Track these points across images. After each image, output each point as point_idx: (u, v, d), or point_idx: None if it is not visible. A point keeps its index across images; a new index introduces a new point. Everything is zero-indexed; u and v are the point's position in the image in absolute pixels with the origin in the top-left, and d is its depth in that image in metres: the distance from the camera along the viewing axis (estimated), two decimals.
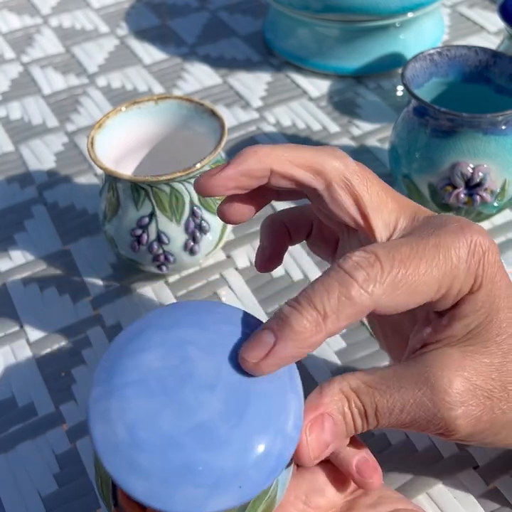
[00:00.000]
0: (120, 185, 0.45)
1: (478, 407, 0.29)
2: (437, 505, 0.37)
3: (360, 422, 0.29)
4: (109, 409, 0.26)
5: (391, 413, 0.29)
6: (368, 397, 0.29)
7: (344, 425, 0.29)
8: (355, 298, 0.27)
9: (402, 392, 0.29)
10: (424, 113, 0.46)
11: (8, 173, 0.60)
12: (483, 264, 0.29)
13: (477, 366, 0.30)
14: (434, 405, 0.29)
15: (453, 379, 0.29)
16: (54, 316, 0.48)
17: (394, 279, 0.27)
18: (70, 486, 0.39)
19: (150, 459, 0.25)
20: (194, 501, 0.25)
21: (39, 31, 0.76)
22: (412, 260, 0.28)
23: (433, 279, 0.28)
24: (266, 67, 0.69)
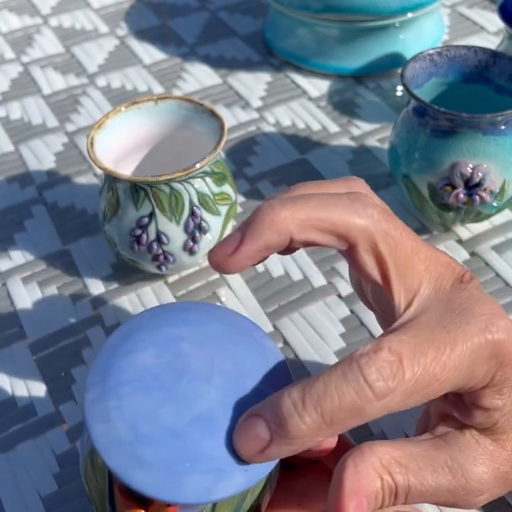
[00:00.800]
0: (120, 185, 0.45)
1: (500, 487, 0.30)
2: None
3: (388, 499, 0.28)
4: (108, 409, 0.26)
5: (421, 496, 0.28)
6: (402, 478, 0.28)
7: (374, 503, 0.27)
8: (367, 412, 0.25)
9: (436, 476, 0.28)
10: (423, 113, 0.46)
11: (8, 173, 0.60)
12: (502, 365, 0.28)
13: (504, 455, 0.30)
14: (465, 493, 0.29)
15: (486, 470, 0.29)
16: (54, 315, 0.48)
17: (413, 389, 0.26)
18: (70, 486, 0.39)
19: (154, 452, 0.25)
20: (202, 489, 0.25)
21: (39, 31, 0.76)
22: (435, 366, 0.26)
23: (449, 386, 0.27)
24: (266, 67, 0.69)
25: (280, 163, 0.58)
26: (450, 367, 0.27)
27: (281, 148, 0.60)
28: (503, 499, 0.37)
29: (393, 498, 0.28)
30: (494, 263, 0.49)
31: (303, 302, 0.47)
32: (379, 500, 0.27)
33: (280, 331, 0.46)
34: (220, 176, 0.46)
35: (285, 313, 0.47)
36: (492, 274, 0.48)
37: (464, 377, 0.27)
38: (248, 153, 0.59)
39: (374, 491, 0.27)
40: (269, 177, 0.57)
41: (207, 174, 0.45)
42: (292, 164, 0.58)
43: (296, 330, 0.46)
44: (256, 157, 0.59)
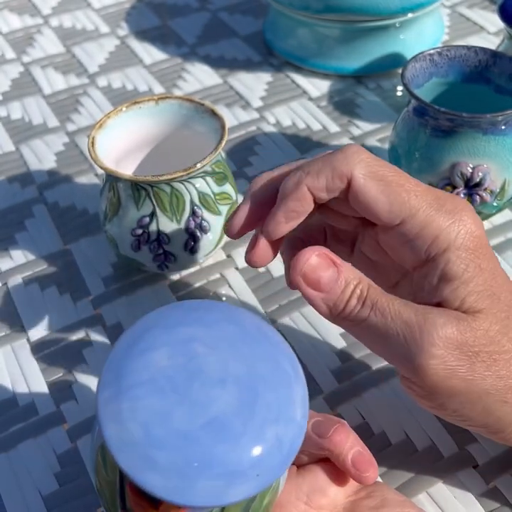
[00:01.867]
0: (121, 185, 0.45)
1: (457, 360, 0.30)
2: (437, 505, 0.37)
3: (355, 299, 0.31)
4: (121, 410, 0.26)
5: (384, 315, 0.30)
6: (373, 290, 0.31)
7: (345, 287, 0.31)
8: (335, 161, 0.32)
9: (400, 305, 0.30)
10: (424, 113, 0.46)
11: (8, 173, 0.60)
12: (466, 233, 0.31)
13: (473, 325, 0.30)
14: (420, 332, 0.29)
15: (448, 323, 0.30)
16: (55, 315, 0.48)
17: (376, 170, 0.31)
18: (71, 486, 0.39)
19: (167, 456, 0.25)
20: (214, 493, 0.25)
21: (40, 31, 0.76)
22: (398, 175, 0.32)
23: (411, 202, 0.31)
24: (266, 67, 0.69)
25: (280, 162, 0.58)
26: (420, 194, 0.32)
27: (281, 148, 0.60)
28: (504, 498, 0.37)
29: (360, 306, 0.30)
30: None
31: (303, 302, 0.47)
32: (350, 286, 0.31)
33: (281, 330, 0.46)
34: (220, 176, 0.46)
35: (285, 312, 0.47)
36: None
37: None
38: (249, 153, 0.60)
39: (352, 272, 0.31)
40: None
41: (208, 174, 0.45)
42: None
43: (296, 329, 0.46)
44: (256, 157, 0.59)
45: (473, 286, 0.31)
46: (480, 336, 0.30)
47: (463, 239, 0.31)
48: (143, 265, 0.47)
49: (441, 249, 0.31)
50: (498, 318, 0.31)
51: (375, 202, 0.31)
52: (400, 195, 0.31)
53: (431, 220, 0.31)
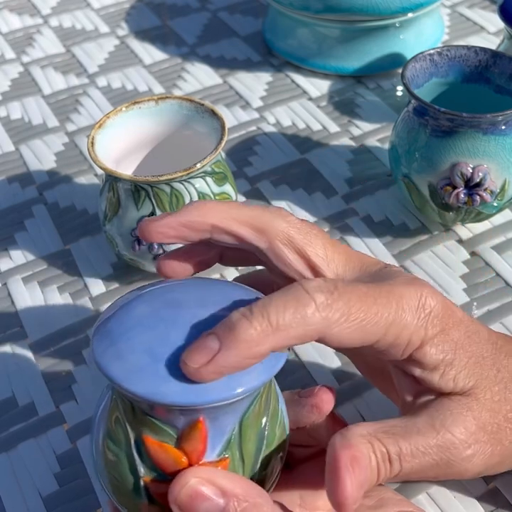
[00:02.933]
0: (120, 185, 0.45)
1: (489, 442, 0.30)
2: (437, 505, 0.37)
3: (383, 467, 0.28)
4: (119, 350, 0.27)
5: (414, 456, 0.29)
6: (391, 441, 0.29)
7: (370, 470, 0.28)
8: (309, 318, 0.27)
9: (422, 434, 0.29)
10: (424, 113, 0.46)
11: (8, 173, 0.60)
12: (432, 317, 0.30)
13: (482, 404, 0.31)
14: (453, 446, 0.29)
15: (466, 421, 0.30)
16: (54, 315, 0.48)
17: (349, 310, 0.27)
18: (71, 486, 0.39)
19: (175, 368, 0.26)
20: (225, 385, 0.26)
21: (39, 31, 0.76)
22: (367, 298, 0.28)
23: (383, 322, 0.28)
24: (266, 67, 0.69)
25: (280, 162, 0.58)
26: (381, 303, 0.29)
27: (281, 148, 0.60)
28: (504, 498, 0.37)
29: (388, 465, 0.28)
30: (494, 263, 0.49)
31: None
32: (374, 466, 0.28)
33: None
34: (220, 176, 0.46)
35: None
36: (492, 274, 0.48)
37: (395, 320, 0.29)
38: (248, 153, 0.60)
39: (367, 457, 0.28)
40: (270, 177, 0.57)
41: (207, 174, 0.45)
42: (292, 164, 0.58)
43: None
44: (256, 157, 0.59)
45: (458, 363, 0.31)
46: (492, 409, 0.31)
47: (432, 327, 0.30)
48: (143, 265, 0.47)
49: (416, 347, 0.30)
50: (492, 384, 0.31)
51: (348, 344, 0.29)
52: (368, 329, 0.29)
53: (398, 333, 0.29)
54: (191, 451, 0.27)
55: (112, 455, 0.29)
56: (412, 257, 0.50)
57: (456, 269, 0.49)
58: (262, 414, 0.29)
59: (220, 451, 0.28)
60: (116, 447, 0.29)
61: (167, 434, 0.27)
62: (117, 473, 0.29)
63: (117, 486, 0.29)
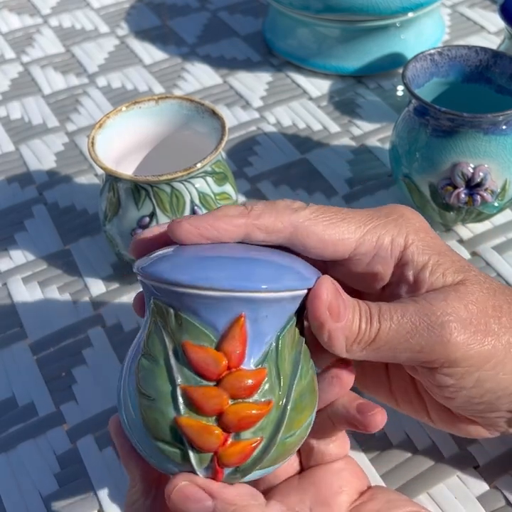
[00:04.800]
0: (121, 185, 0.45)
1: (473, 322, 0.30)
2: (438, 505, 0.37)
3: (364, 320, 0.29)
4: (167, 255, 0.29)
5: (392, 316, 0.29)
6: (374, 303, 0.30)
7: (352, 314, 0.29)
8: (281, 209, 0.31)
9: (403, 303, 0.30)
10: (424, 113, 0.46)
11: (8, 173, 0.60)
12: (411, 224, 0.32)
13: (469, 289, 0.31)
14: (432, 313, 0.30)
15: (448, 295, 0.30)
16: (54, 315, 0.48)
17: (323, 210, 0.31)
18: (71, 486, 0.39)
19: (223, 261, 0.28)
20: (271, 278, 0.28)
21: (39, 31, 0.76)
22: (347, 211, 0.32)
23: (357, 222, 0.32)
24: (266, 67, 0.69)
25: (281, 163, 0.58)
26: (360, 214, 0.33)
27: (281, 148, 0.60)
28: (505, 498, 0.37)
29: (369, 320, 0.29)
30: (495, 263, 0.49)
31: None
32: (356, 312, 0.29)
33: None
34: (220, 176, 0.46)
35: None
36: (493, 274, 0.48)
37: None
38: (249, 153, 0.59)
39: (351, 299, 0.30)
40: (270, 177, 0.57)
41: (208, 174, 0.45)
42: (293, 164, 0.58)
43: None
44: (256, 157, 0.59)
45: (444, 262, 0.32)
46: (480, 296, 0.31)
47: (413, 232, 0.32)
48: None
49: (402, 249, 0.32)
50: (481, 281, 0.32)
51: (321, 246, 0.31)
52: (339, 228, 0.31)
53: (378, 234, 0.32)
54: (231, 352, 0.27)
55: (146, 371, 0.28)
56: None
57: None
58: (297, 343, 0.29)
59: (258, 361, 0.28)
60: (151, 363, 0.28)
61: (207, 338, 0.27)
62: (152, 389, 0.28)
63: (150, 405, 0.28)
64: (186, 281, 0.27)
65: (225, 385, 0.27)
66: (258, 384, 0.28)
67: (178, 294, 0.27)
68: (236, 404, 0.27)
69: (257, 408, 0.28)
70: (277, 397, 0.28)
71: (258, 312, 0.27)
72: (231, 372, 0.27)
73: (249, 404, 0.27)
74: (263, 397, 0.28)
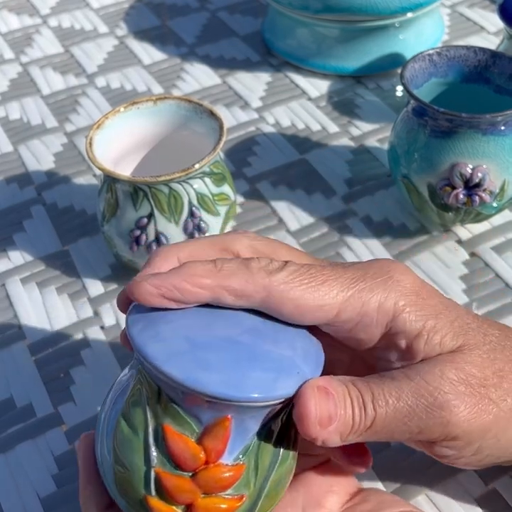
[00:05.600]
0: (119, 185, 0.45)
1: (473, 395, 0.29)
2: (436, 507, 0.37)
3: (357, 411, 0.28)
4: (159, 332, 0.27)
5: (387, 401, 0.28)
6: (364, 386, 0.28)
7: (344, 408, 0.28)
8: (255, 271, 0.28)
9: (396, 382, 0.28)
10: (423, 113, 0.46)
11: (7, 173, 0.60)
12: (401, 286, 0.30)
13: (467, 357, 0.29)
14: (429, 393, 0.28)
15: (444, 369, 0.29)
16: (53, 316, 0.48)
17: (299, 271, 0.28)
18: (69, 487, 0.39)
19: (217, 356, 0.26)
20: (265, 385, 0.26)
21: (38, 31, 0.76)
22: (323, 270, 0.29)
23: (336, 294, 0.29)
24: (265, 67, 0.69)
25: (280, 163, 0.58)
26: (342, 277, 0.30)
27: (280, 148, 0.60)
28: (503, 500, 0.37)
29: (363, 409, 0.28)
30: (494, 264, 0.49)
31: None
32: (348, 406, 0.27)
33: None
34: (219, 177, 0.46)
35: None
36: (492, 275, 0.48)
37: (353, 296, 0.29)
38: (247, 153, 0.59)
39: (341, 389, 0.28)
40: (269, 177, 0.57)
41: (206, 175, 0.45)
42: (292, 164, 0.58)
43: None
44: (255, 157, 0.59)
45: (441, 327, 0.30)
46: (479, 364, 0.29)
47: (404, 297, 0.29)
48: (141, 266, 0.47)
49: (391, 318, 0.29)
50: (480, 344, 0.30)
51: (298, 313, 0.29)
52: (318, 293, 0.28)
53: (364, 299, 0.29)
54: (211, 449, 0.27)
55: (124, 439, 0.28)
56: (412, 257, 0.50)
57: (456, 269, 0.49)
58: (282, 429, 0.29)
59: (237, 456, 0.27)
60: (131, 431, 0.28)
61: (189, 427, 0.27)
62: (127, 459, 0.28)
63: (123, 474, 0.28)
64: (182, 381, 0.26)
65: (200, 481, 0.27)
66: (234, 481, 0.27)
67: (167, 383, 0.26)
68: (207, 498, 0.27)
69: (229, 503, 0.27)
70: (251, 490, 0.28)
71: (245, 414, 0.27)
72: (208, 468, 0.27)
73: (220, 499, 0.27)
74: (237, 491, 0.27)
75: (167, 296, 0.27)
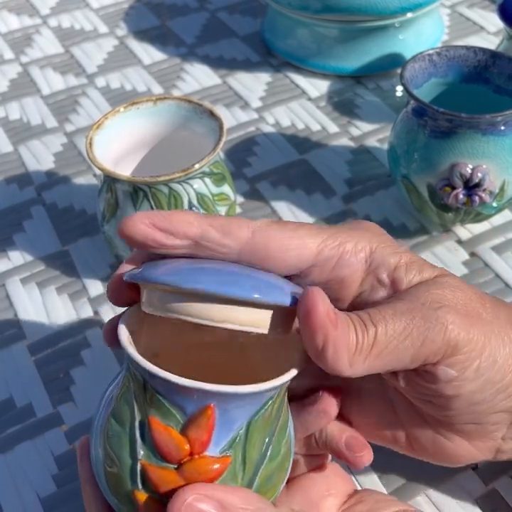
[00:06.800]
0: (119, 185, 0.45)
1: (464, 306, 0.29)
2: (436, 507, 0.37)
3: (359, 327, 0.28)
4: (157, 264, 0.28)
5: (384, 317, 0.28)
6: (361, 312, 0.29)
7: (347, 326, 0.28)
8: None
9: (389, 304, 0.29)
10: (422, 113, 0.46)
11: (7, 173, 0.60)
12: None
13: (448, 281, 0.31)
14: (423, 303, 0.29)
15: (430, 288, 0.30)
16: (52, 316, 0.48)
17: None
18: (69, 487, 0.39)
19: (209, 271, 0.28)
20: (259, 288, 0.27)
21: (38, 31, 0.76)
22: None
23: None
24: (265, 67, 0.69)
25: (279, 163, 0.58)
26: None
27: (280, 148, 0.60)
28: (503, 500, 0.37)
29: (364, 326, 0.28)
30: (494, 264, 0.49)
31: None
32: (350, 323, 0.28)
33: None
34: (219, 177, 0.46)
35: None
36: (492, 275, 0.48)
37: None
38: (247, 153, 0.59)
39: (344, 315, 0.28)
40: (269, 177, 0.57)
41: (206, 175, 0.45)
42: (291, 164, 0.58)
43: None
44: (255, 157, 0.59)
45: (417, 260, 0.31)
46: (460, 286, 0.30)
47: (377, 238, 0.31)
48: None
49: (368, 253, 0.31)
50: (456, 276, 0.32)
51: (284, 250, 0.30)
52: (300, 232, 0.30)
53: (340, 239, 0.31)
54: (195, 440, 0.27)
55: (112, 434, 0.28)
56: None
57: (456, 269, 0.49)
58: (271, 423, 0.28)
59: (224, 448, 0.27)
60: (119, 426, 0.28)
61: (174, 418, 0.27)
62: (115, 454, 0.28)
63: (112, 470, 0.28)
64: (169, 281, 0.26)
65: (184, 472, 0.27)
66: (219, 473, 0.27)
67: (151, 374, 0.26)
68: None
69: None
70: (239, 485, 0.28)
71: (229, 403, 0.27)
72: (193, 459, 0.27)
73: None
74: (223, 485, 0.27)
75: (157, 225, 0.28)
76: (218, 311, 0.26)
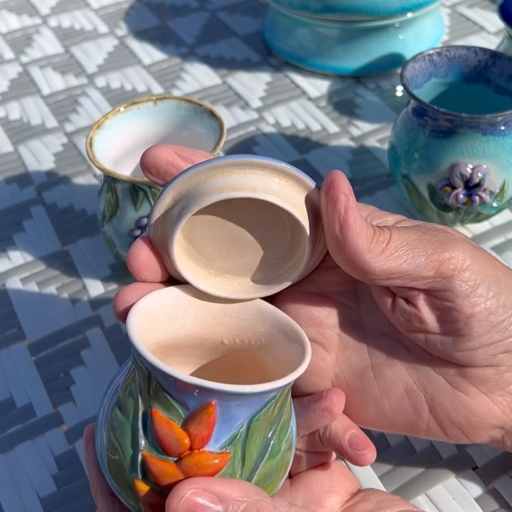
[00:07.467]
0: (119, 185, 0.45)
1: (475, 255, 0.30)
2: (436, 506, 0.37)
3: (375, 226, 0.29)
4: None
5: (397, 227, 0.30)
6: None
7: (364, 218, 0.29)
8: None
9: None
10: (423, 113, 0.46)
11: (7, 173, 0.60)
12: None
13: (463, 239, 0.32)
14: (430, 226, 0.31)
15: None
16: (53, 316, 0.48)
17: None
18: (69, 487, 0.39)
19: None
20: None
21: (38, 31, 0.76)
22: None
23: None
24: (265, 67, 0.69)
25: None
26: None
27: (280, 148, 0.60)
28: (503, 499, 0.37)
29: (380, 229, 0.29)
30: None
31: None
32: (367, 223, 0.29)
33: None
34: None
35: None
36: None
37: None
38: (247, 153, 0.59)
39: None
40: None
41: None
42: (292, 164, 0.58)
43: None
44: None
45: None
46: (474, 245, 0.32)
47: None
48: None
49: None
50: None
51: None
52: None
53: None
54: (195, 435, 0.27)
55: (117, 423, 0.28)
56: None
57: None
58: (273, 421, 0.29)
59: (224, 444, 0.27)
60: (123, 416, 0.28)
61: (176, 412, 0.27)
62: (118, 442, 0.28)
63: (115, 457, 0.28)
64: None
65: (184, 466, 0.27)
66: (218, 468, 0.27)
67: (156, 368, 0.27)
68: None
69: None
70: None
71: (230, 402, 0.27)
72: (192, 454, 0.27)
73: None
74: None
75: (181, 155, 0.31)
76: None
